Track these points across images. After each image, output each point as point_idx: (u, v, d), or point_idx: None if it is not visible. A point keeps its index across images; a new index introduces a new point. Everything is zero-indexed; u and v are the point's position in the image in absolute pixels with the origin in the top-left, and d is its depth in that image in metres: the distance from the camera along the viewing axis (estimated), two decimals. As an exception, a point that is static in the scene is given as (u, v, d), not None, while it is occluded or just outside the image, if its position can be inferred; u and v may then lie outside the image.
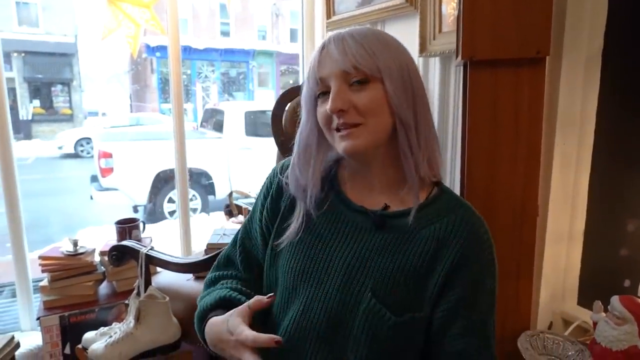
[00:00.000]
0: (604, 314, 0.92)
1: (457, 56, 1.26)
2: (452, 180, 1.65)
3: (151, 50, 13.74)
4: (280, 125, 1.32)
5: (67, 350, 1.63)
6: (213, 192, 5.02)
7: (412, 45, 1.71)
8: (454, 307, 0.66)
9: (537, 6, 0.95)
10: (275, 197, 0.79)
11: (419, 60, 1.70)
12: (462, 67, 1.20)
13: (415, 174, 0.66)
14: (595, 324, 0.93)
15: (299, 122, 0.75)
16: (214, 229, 1.71)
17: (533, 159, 1.02)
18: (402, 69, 0.66)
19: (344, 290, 0.67)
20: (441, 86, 1.61)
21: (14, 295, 2.10)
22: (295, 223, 0.74)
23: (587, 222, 1.23)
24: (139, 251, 1.36)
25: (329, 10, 2.08)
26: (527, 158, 1.01)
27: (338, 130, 0.67)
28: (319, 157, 0.73)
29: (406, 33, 1.77)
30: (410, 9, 1.66)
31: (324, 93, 0.68)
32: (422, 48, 1.61)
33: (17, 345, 1.69)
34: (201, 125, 6.16)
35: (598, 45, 1.13)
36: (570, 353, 0.93)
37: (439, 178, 0.72)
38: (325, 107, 0.67)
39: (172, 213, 4.80)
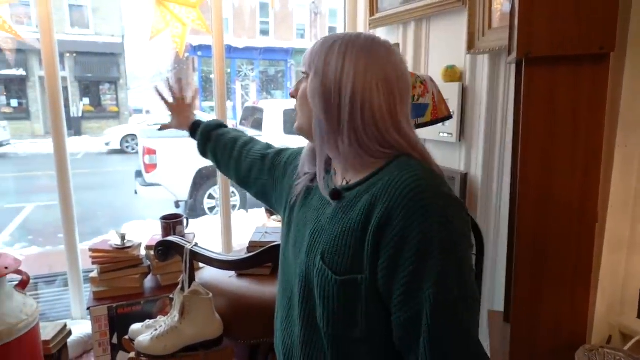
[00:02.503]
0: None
1: (509, 53, 1.21)
2: (500, 180, 1.59)
3: (193, 49, 14.10)
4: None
5: (115, 340, 1.69)
6: (252, 190, 5.08)
7: (459, 42, 1.66)
8: (386, 268, 0.65)
9: (601, -2, 0.89)
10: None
11: (466, 58, 1.65)
12: (515, 65, 1.15)
13: (339, 153, 0.75)
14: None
15: None
16: (256, 227, 1.73)
17: (593, 162, 0.95)
18: (329, 68, 0.73)
19: (309, 256, 0.76)
20: (490, 84, 1.56)
21: (66, 285, 2.20)
22: (298, 186, 0.88)
23: (649, 230, 1.15)
24: (184, 247, 1.38)
25: (372, 8, 2.05)
26: (587, 161, 0.95)
27: None
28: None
29: (452, 30, 1.72)
30: (457, 4, 1.60)
31: None
32: (470, 45, 1.55)
33: (69, 333, 1.77)
34: (240, 123, 6.26)
35: (667, 40, 1.05)
36: (633, 370, 0.87)
37: (402, 151, 0.74)
38: None
39: (211, 209, 4.91)
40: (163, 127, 1.27)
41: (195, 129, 1.20)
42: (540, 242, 1.01)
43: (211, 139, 1.16)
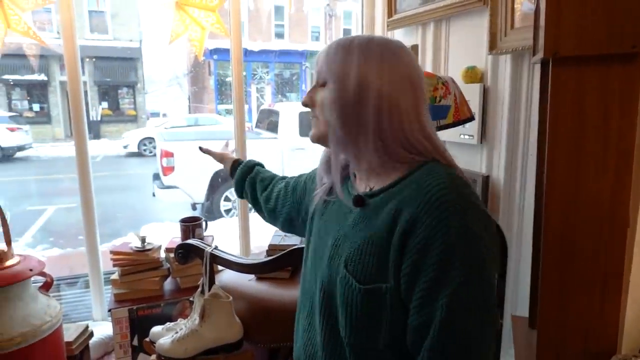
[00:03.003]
0: None
1: (534, 53, 1.18)
2: (523, 182, 1.56)
3: (209, 53, 14.24)
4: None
5: (135, 342, 1.70)
6: (268, 192, 5.10)
7: (479, 42, 1.63)
8: (408, 274, 0.65)
9: (632, -5, 0.86)
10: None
11: (487, 58, 1.63)
12: (541, 65, 1.12)
13: (362, 160, 0.74)
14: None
15: None
16: (275, 230, 1.73)
17: (624, 165, 0.92)
18: (350, 74, 0.71)
19: (330, 265, 0.75)
20: (512, 85, 1.53)
21: (87, 287, 2.23)
22: (316, 196, 0.88)
23: (683, 234, 1.11)
24: (203, 250, 1.39)
25: (391, 9, 2.04)
26: (618, 164, 0.92)
27: None
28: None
29: (472, 30, 1.69)
30: (478, 4, 1.58)
31: None
32: (492, 45, 1.53)
33: (91, 335, 1.79)
34: (256, 126, 6.29)
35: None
36: (669, 381, 0.84)
37: (429, 157, 0.72)
38: None
39: (227, 211, 4.93)
40: (204, 151, 1.31)
41: (235, 167, 1.23)
42: (568, 245, 0.98)
43: (246, 177, 1.18)
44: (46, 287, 1.63)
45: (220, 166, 1.29)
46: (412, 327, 0.65)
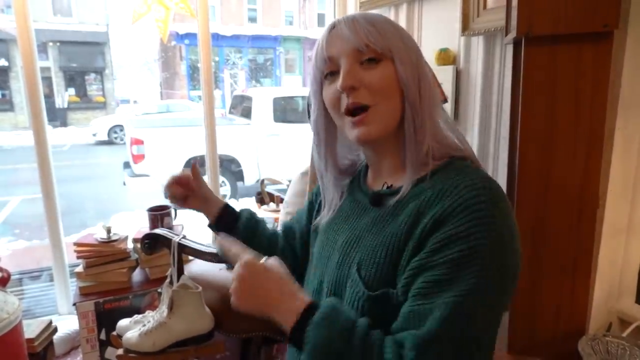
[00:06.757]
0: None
1: (507, 33, 1.16)
2: (495, 166, 1.56)
3: (180, 37, 13.87)
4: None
5: (103, 336, 1.64)
6: (242, 179, 5.03)
7: (452, 24, 1.61)
8: (419, 265, 0.58)
9: (604, -27, 0.84)
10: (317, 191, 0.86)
11: (460, 40, 1.61)
12: (513, 45, 1.11)
13: (417, 155, 0.65)
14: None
15: None
16: (246, 217, 1.68)
17: (595, 145, 0.93)
18: (411, 51, 0.66)
19: (341, 267, 0.68)
20: (485, 67, 1.51)
21: (52, 280, 2.14)
22: (324, 207, 0.78)
23: (649, 214, 1.13)
24: (171, 240, 1.33)
25: (363, -11, 1.99)
26: (589, 145, 0.92)
27: (349, 114, 0.66)
28: (328, 142, 0.75)
29: (445, 11, 1.67)
30: (451, -16, 1.55)
31: (332, 73, 0.67)
32: (465, 26, 1.51)
33: (55, 330, 1.72)
34: (229, 112, 6.16)
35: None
36: None
37: (456, 154, 0.66)
38: (335, 86, 0.66)
39: (202, 199, 4.84)
40: (175, 201, 0.92)
41: (223, 218, 0.92)
42: (539, 228, 0.98)
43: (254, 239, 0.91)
44: (2, 282, 1.55)
45: (193, 153, 1.12)
46: (405, 311, 0.59)
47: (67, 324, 1.92)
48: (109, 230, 1.70)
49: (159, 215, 1.74)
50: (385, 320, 0.61)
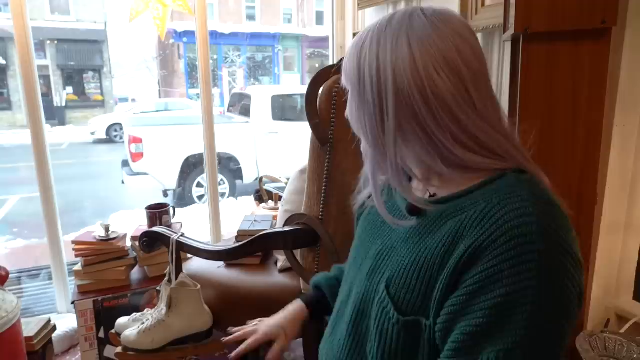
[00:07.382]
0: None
1: (505, 30, 1.16)
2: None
3: (178, 36, 13.84)
4: (315, 107, 1.25)
5: (102, 334, 1.64)
6: (241, 177, 5.02)
7: (451, 21, 1.60)
8: (455, 312, 0.52)
9: (602, -30, 0.84)
10: None
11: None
12: (511, 42, 1.10)
13: (424, 172, 0.61)
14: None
15: (334, 104, 0.72)
16: (245, 216, 1.68)
17: (592, 143, 0.93)
18: (362, 72, 0.58)
19: (370, 278, 0.64)
20: (483, 64, 1.51)
21: (50, 278, 2.14)
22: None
23: (647, 211, 1.13)
24: (169, 238, 1.33)
25: (361, -13, 1.98)
26: (586, 142, 0.92)
27: None
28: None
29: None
30: (449, -19, 1.55)
31: None
32: (463, 23, 1.50)
33: (54, 328, 1.72)
34: (228, 110, 6.15)
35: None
36: (635, 356, 0.85)
37: (511, 164, 0.57)
38: None
39: (200, 197, 4.84)
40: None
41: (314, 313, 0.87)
42: (537, 225, 0.98)
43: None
44: (1, 281, 1.55)
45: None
46: None
47: (66, 322, 1.92)
48: (107, 229, 1.70)
49: (157, 213, 1.74)
50: (413, 350, 0.57)
